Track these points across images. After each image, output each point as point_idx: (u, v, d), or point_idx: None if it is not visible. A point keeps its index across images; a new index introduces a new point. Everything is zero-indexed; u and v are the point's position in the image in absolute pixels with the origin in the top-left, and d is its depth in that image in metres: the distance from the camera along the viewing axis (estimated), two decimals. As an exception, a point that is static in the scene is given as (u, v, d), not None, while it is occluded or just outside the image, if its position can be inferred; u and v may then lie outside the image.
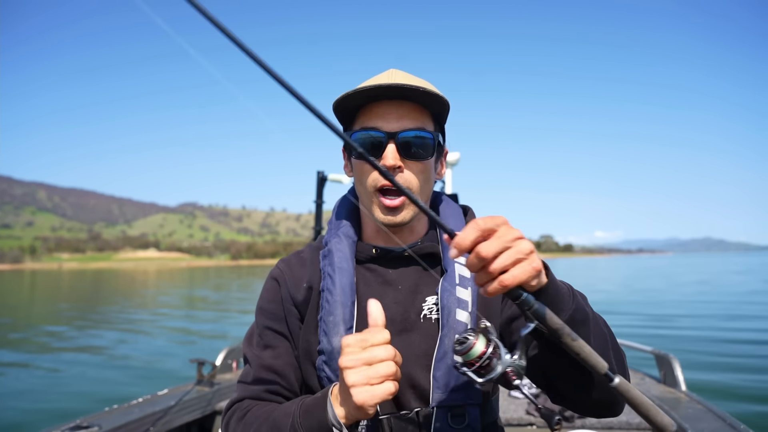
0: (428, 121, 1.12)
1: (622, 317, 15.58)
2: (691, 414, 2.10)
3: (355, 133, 1.09)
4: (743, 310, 17.18)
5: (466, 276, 1.09)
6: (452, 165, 5.01)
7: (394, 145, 1.06)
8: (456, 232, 0.77)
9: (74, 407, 6.90)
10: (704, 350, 10.14)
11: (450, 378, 1.04)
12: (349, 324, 1.07)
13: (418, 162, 1.08)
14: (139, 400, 2.37)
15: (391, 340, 0.91)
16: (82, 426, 2.01)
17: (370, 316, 0.91)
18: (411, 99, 1.08)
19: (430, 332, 1.10)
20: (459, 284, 1.07)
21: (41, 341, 13.93)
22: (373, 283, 1.14)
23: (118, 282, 55.23)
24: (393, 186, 0.91)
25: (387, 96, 1.07)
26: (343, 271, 1.11)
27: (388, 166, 1.05)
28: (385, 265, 1.16)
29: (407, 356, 1.05)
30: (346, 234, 1.18)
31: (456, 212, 1.22)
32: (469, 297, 1.07)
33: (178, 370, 9.21)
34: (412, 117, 1.09)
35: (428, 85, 1.11)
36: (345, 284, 1.10)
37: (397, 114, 1.08)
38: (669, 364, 2.58)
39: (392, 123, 1.07)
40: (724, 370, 8.41)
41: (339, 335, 1.05)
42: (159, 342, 13.38)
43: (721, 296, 23.23)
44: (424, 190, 1.11)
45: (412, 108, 1.09)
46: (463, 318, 1.05)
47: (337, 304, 1.08)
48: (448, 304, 1.06)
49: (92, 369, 9.99)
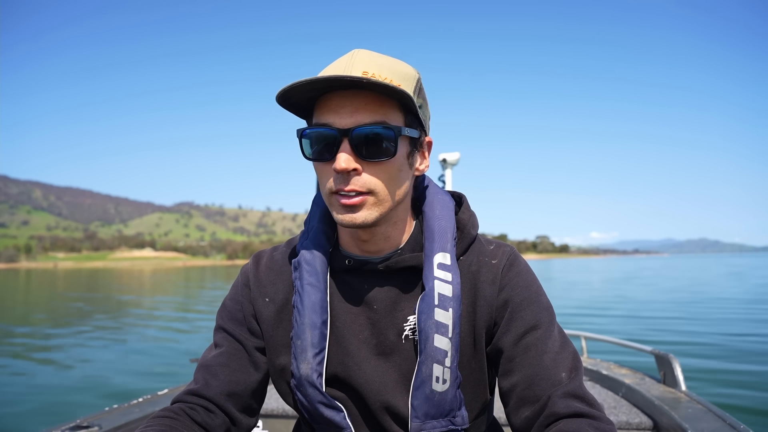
0: (393, 111, 0.90)
1: (622, 317, 15.64)
2: (691, 414, 2.08)
3: (306, 130, 0.92)
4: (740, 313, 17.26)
5: (447, 295, 0.93)
6: (452, 165, 4.85)
7: (348, 143, 0.87)
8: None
9: (74, 407, 6.82)
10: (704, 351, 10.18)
11: (429, 407, 0.93)
12: (318, 347, 0.96)
13: (378, 162, 0.89)
14: (139, 400, 2.35)
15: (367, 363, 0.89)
16: (81, 426, 1.97)
17: None
18: (369, 88, 0.86)
19: (411, 354, 0.98)
20: (438, 305, 0.93)
21: (40, 341, 13.88)
22: (347, 300, 1.01)
23: (114, 281, 55.09)
24: (349, 191, 0.86)
25: (341, 86, 0.86)
26: (312, 287, 0.98)
27: (340, 170, 0.87)
28: (361, 278, 1.00)
29: (384, 381, 0.97)
30: (317, 242, 1.02)
31: (444, 209, 1.02)
32: (449, 320, 0.93)
33: (178, 370, 9.21)
34: (370, 109, 0.88)
35: (397, 66, 0.91)
36: (314, 302, 0.97)
37: (352, 107, 0.88)
38: (669, 364, 2.57)
39: (345, 118, 0.88)
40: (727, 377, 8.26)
41: (306, 362, 0.95)
42: (158, 342, 13.36)
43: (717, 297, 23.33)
44: (391, 192, 0.92)
45: (371, 98, 0.88)
46: (442, 345, 0.92)
47: (305, 326, 0.96)
48: (426, 328, 0.92)
49: (92, 369, 9.97)
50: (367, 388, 0.97)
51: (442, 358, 0.91)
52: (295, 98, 0.90)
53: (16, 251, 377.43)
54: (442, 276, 0.94)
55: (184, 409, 0.99)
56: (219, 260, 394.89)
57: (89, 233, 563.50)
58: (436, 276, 0.94)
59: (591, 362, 3.20)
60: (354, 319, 0.98)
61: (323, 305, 0.98)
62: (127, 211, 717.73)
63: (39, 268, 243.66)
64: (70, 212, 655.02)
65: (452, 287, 0.93)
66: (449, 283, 0.93)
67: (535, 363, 0.91)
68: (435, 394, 0.92)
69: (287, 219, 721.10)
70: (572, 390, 0.89)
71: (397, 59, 0.94)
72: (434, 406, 0.93)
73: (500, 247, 1.03)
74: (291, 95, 0.88)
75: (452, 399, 0.93)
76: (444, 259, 0.95)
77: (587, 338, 3.57)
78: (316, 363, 0.95)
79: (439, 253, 0.95)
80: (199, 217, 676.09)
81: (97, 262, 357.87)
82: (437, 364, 0.91)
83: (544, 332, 0.94)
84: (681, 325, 13.82)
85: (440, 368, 0.91)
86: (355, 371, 0.98)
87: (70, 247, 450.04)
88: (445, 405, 0.93)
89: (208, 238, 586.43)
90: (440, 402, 0.92)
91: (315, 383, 0.95)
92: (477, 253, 1.01)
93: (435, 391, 0.92)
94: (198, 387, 1.00)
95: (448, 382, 0.92)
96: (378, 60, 0.91)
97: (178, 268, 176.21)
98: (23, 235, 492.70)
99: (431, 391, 0.91)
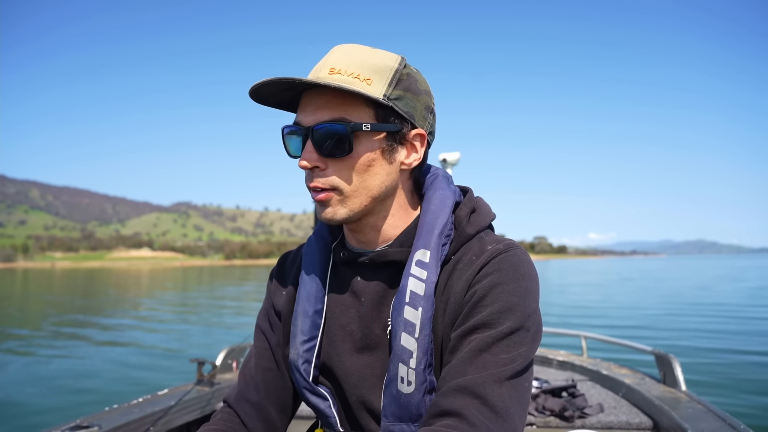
0: (357, 107, 0.88)
1: (622, 316, 15.64)
2: (691, 414, 2.09)
3: (284, 129, 0.95)
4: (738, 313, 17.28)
5: (419, 294, 0.90)
6: (452, 165, 4.90)
7: (310, 141, 0.88)
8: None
9: (73, 407, 6.87)
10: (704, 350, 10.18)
11: (396, 408, 0.90)
12: (309, 335, 0.98)
13: (339, 159, 0.89)
14: (139, 400, 2.37)
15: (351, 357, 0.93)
16: (81, 426, 1.99)
17: None
18: (321, 87, 0.87)
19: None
20: (408, 303, 0.89)
21: (38, 341, 13.83)
22: (341, 292, 1.02)
23: (112, 281, 54.98)
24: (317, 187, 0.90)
25: (310, 85, 0.87)
26: (309, 278, 1.02)
27: (301, 167, 0.90)
28: (355, 270, 1.01)
29: (363, 376, 0.97)
30: (319, 235, 1.07)
31: (440, 204, 0.98)
32: (417, 319, 0.89)
33: (177, 370, 9.17)
34: (330, 106, 0.88)
35: (371, 57, 0.89)
36: (309, 292, 1.00)
37: (314, 105, 0.89)
38: (669, 364, 2.58)
39: (308, 116, 0.89)
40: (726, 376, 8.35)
41: (295, 347, 0.99)
42: (158, 342, 13.32)
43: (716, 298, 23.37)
44: (362, 188, 0.91)
45: (332, 96, 0.88)
46: (408, 345, 0.88)
47: (298, 314, 1.00)
48: (395, 326, 0.90)
49: (91, 369, 9.93)
50: (345, 381, 0.98)
51: (408, 358, 0.88)
52: (275, 99, 0.93)
53: (13, 251, 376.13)
54: (417, 273, 0.91)
55: (228, 413, 1.05)
56: (217, 260, 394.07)
57: (87, 233, 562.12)
58: (412, 273, 0.91)
59: (591, 362, 3.16)
60: (344, 311, 0.99)
61: (318, 295, 1.00)
62: (125, 210, 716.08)
63: (36, 267, 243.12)
64: (68, 212, 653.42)
65: (425, 286, 0.90)
66: (423, 281, 0.90)
67: (465, 359, 0.83)
68: (401, 395, 0.88)
69: (285, 219, 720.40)
70: (471, 385, 0.80)
71: (377, 50, 0.92)
72: (400, 407, 0.89)
73: (497, 244, 0.94)
74: (266, 97, 0.91)
75: (419, 403, 0.88)
76: (423, 256, 0.92)
77: (587, 338, 3.54)
78: (303, 350, 0.98)
79: (420, 249, 0.92)
80: (196, 217, 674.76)
81: (94, 262, 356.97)
82: (402, 364, 0.88)
83: (495, 333, 0.83)
84: (681, 324, 13.83)
85: (405, 369, 0.88)
86: (337, 363, 0.99)
87: (68, 247, 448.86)
88: (412, 408, 0.88)
89: (205, 238, 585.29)
90: (406, 404, 0.88)
91: (300, 369, 0.97)
92: (471, 252, 0.95)
93: (401, 392, 0.88)
94: (240, 390, 1.06)
95: (413, 384, 0.88)
96: (352, 53, 0.89)
97: (175, 268, 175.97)
98: (20, 234, 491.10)
99: (397, 392, 0.89)
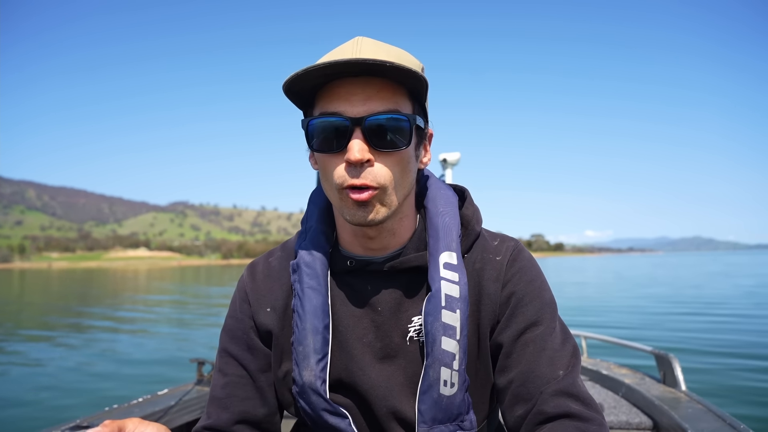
0: (403, 100, 0.87)
1: (621, 317, 15.66)
2: (691, 414, 2.08)
3: (313, 120, 0.86)
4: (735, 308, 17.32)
5: (454, 296, 0.90)
6: (452, 165, 4.86)
7: (360, 133, 0.83)
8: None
9: (73, 407, 6.85)
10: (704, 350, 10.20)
11: (437, 411, 0.90)
12: (321, 353, 0.93)
13: (392, 152, 0.85)
14: (139, 400, 2.34)
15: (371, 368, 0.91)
16: (81, 426, 1.96)
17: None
18: (381, 74, 0.83)
19: (416, 356, 0.94)
20: (445, 307, 0.89)
21: (37, 341, 13.77)
22: (350, 302, 0.97)
23: (109, 281, 54.84)
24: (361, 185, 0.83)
25: (351, 72, 0.83)
26: (313, 290, 0.94)
27: (354, 161, 0.83)
28: (364, 279, 0.97)
29: (390, 385, 0.94)
30: (316, 243, 0.99)
31: (447, 204, 0.99)
32: (457, 322, 0.89)
33: (177, 370, 9.15)
34: (383, 97, 0.84)
35: (404, 55, 0.88)
36: (316, 306, 0.93)
37: (363, 94, 0.84)
38: (669, 363, 2.57)
39: (357, 106, 0.84)
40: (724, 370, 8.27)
41: (309, 368, 0.92)
42: (157, 341, 13.29)
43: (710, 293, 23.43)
44: (401, 185, 0.89)
45: (383, 85, 0.85)
46: (450, 347, 0.89)
47: (307, 331, 0.93)
48: (432, 330, 0.89)
49: (91, 369, 9.90)
50: (372, 393, 0.94)
51: (450, 361, 0.89)
52: (300, 86, 0.85)
53: (9, 251, 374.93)
54: (448, 276, 0.91)
55: None
56: (214, 260, 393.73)
57: (83, 233, 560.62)
58: (443, 276, 0.91)
59: (591, 362, 3.18)
60: (357, 322, 0.95)
61: (325, 309, 0.94)
62: (122, 210, 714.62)
63: (33, 268, 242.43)
64: (64, 212, 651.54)
65: (459, 288, 0.90)
66: (456, 284, 0.90)
67: (532, 360, 0.89)
68: (443, 398, 0.89)
69: (282, 218, 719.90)
70: (565, 387, 0.86)
71: (401, 49, 0.90)
72: (442, 410, 0.90)
73: (504, 241, 1.00)
74: (299, 82, 0.84)
75: (460, 403, 0.90)
76: (450, 258, 0.92)
77: (587, 338, 3.56)
78: (319, 369, 0.92)
79: (445, 252, 0.92)
80: (193, 217, 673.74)
81: (91, 262, 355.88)
82: (445, 367, 0.88)
83: (546, 329, 0.91)
84: (681, 324, 13.86)
85: (448, 371, 0.88)
86: (360, 376, 0.94)
87: (65, 247, 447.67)
88: (453, 409, 0.90)
89: (203, 237, 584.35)
90: (448, 406, 0.89)
91: (319, 390, 0.92)
92: (481, 250, 0.98)
93: (443, 395, 0.89)
94: (211, 422, 0.99)
95: (456, 385, 0.89)
96: (385, 48, 0.87)
97: (173, 267, 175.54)
98: (17, 235, 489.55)
99: (439, 395, 0.89)
